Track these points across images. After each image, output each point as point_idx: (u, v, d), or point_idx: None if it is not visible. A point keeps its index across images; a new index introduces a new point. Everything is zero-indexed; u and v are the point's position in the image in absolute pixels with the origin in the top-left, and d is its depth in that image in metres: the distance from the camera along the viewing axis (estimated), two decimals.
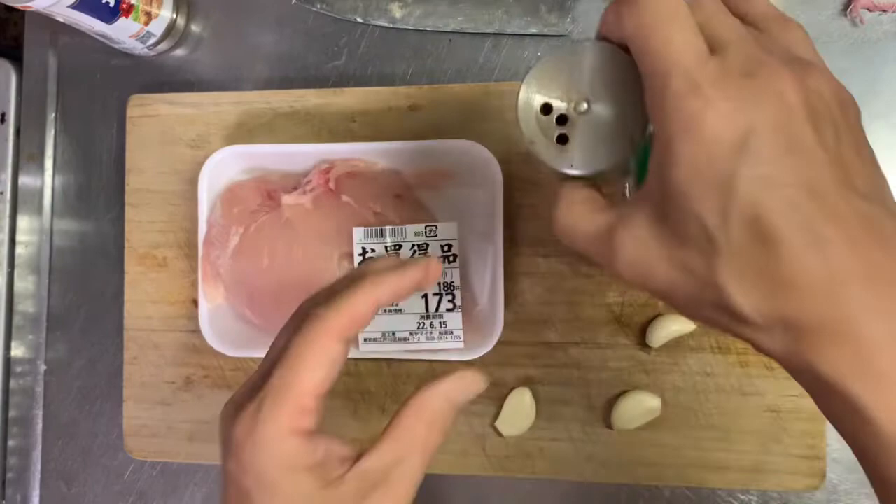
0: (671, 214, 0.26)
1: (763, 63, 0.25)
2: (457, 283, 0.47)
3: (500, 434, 0.48)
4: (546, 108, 0.31)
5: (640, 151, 0.31)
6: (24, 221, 0.57)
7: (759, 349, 0.26)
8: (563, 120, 0.31)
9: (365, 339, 0.47)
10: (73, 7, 0.46)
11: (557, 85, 0.31)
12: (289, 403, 0.30)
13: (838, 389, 0.24)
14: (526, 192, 0.48)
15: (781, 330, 0.25)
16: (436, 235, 0.47)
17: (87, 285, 0.55)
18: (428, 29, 0.51)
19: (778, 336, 0.25)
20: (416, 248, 0.47)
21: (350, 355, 0.49)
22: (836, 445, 0.46)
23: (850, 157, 0.26)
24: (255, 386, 0.31)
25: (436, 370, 0.49)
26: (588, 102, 0.30)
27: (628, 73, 0.29)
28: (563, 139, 0.31)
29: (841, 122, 0.26)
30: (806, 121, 0.25)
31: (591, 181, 0.32)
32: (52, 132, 0.56)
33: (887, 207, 0.26)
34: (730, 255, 0.25)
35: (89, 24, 0.48)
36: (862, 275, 0.24)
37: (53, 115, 0.56)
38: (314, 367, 0.31)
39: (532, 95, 0.31)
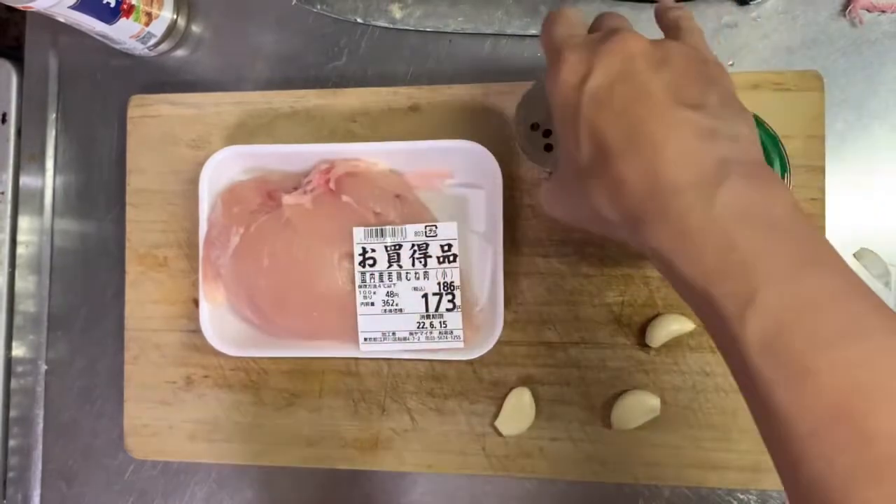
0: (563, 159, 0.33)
1: (618, 33, 0.31)
2: (457, 283, 0.47)
3: (499, 434, 0.48)
4: (534, 126, 0.42)
5: None
6: (24, 221, 0.57)
7: (634, 248, 0.31)
8: (547, 133, 0.42)
9: (365, 339, 0.48)
10: (73, 7, 0.46)
11: (543, 107, 0.41)
12: None
13: (664, 258, 0.29)
14: (526, 192, 0.48)
15: (630, 223, 0.30)
16: (436, 235, 0.47)
17: (87, 285, 0.55)
18: (428, 29, 0.51)
19: (629, 229, 0.30)
20: (415, 247, 0.47)
21: (350, 355, 0.49)
22: None
23: (681, 83, 0.30)
24: None
25: (436, 370, 0.49)
26: None
27: None
28: (548, 148, 0.42)
29: (682, 67, 0.31)
30: (642, 61, 0.30)
31: None
32: (53, 132, 0.56)
33: (715, 116, 0.30)
34: (587, 169, 0.31)
35: (90, 24, 0.49)
36: (673, 161, 0.28)
37: (54, 115, 0.56)
38: None
39: (524, 117, 0.42)
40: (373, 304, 0.47)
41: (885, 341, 0.25)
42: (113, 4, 0.48)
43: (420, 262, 0.47)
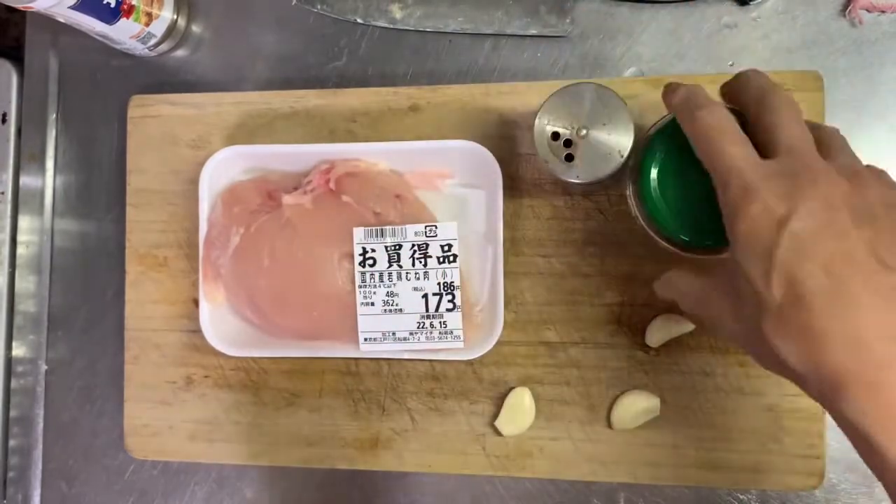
0: (735, 279, 0.32)
1: (810, 167, 0.31)
2: (457, 283, 0.47)
3: (499, 434, 0.48)
4: (555, 135, 0.42)
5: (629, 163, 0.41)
6: (25, 221, 0.57)
7: (803, 390, 0.31)
8: (568, 143, 0.41)
9: (365, 339, 0.48)
10: (73, 8, 0.46)
11: (562, 117, 0.41)
12: None
13: (860, 432, 0.28)
14: (526, 192, 0.48)
15: (816, 378, 0.29)
16: (436, 235, 0.47)
17: (87, 285, 0.55)
18: (428, 30, 0.51)
19: (813, 383, 0.30)
20: (415, 247, 0.47)
21: (350, 355, 0.49)
22: (835, 445, 0.46)
23: (887, 243, 0.30)
24: None
25: (436, 370, 0.49)
26: (587, 129, 0.41)
27: (615, 106, 0.41)
28: (569, 158, 0.41)
29: (883, 218, 0.30)
30: (843, 211, 0.30)
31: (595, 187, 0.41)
32: (53, 132, 0.56)
33: None
34: (773, 312, 0.30)
35: (90, 24, 0.49)
36: (883, 334, 0.28)
37: (54, 115, 0.56)
38: None
39: (544, 126, 0.42)
40: (373, 304, 0.47)
41: None
42: (113, 4, 0.48)
43: (420, 262, 0.47)
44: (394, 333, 0.47)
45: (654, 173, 0.37)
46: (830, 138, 0.34)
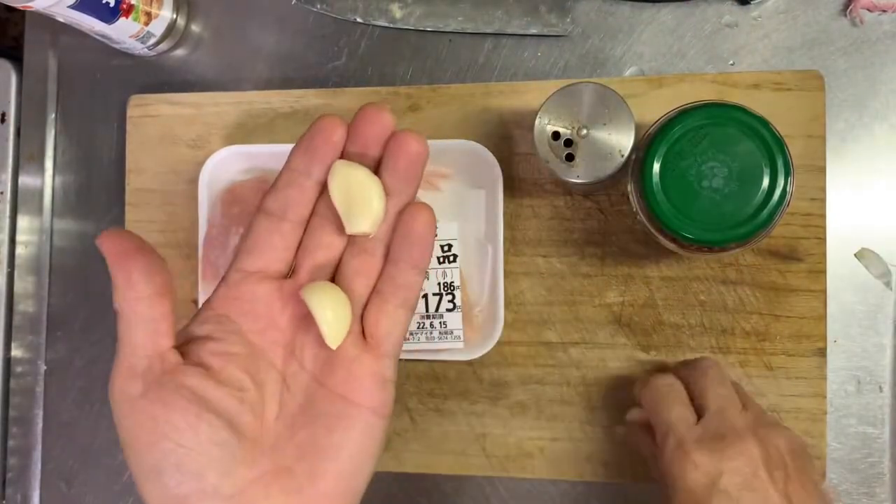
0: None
1: (733, 429, 0.37)
2: (457, 283, 0.47)
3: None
4: (555, 135, 0.41)
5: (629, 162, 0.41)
6: (24, 221, 0.57)
7: None
8: (568, 143, 0.41)
9: None
10: (73, 7, 0.46)
11: (563, 116, 0.41)
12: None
13: None
14: (526, 192, 0.48)
15: None
16: (436, 235, 0.47)
17: (87, 285, 0.55)
18: (428, 29, 0.51)
19: None
20: None
21: None
22: (835, 445, 0.46)
23: (795, 486, 0.36)
24: None
25: (436, 370, 0.49)
26: (587, 129, 0.41)
27: (616, 106, 0.41)
28: (570, 157, 0.41)
29: (791, 466, 0.37)
30: (762, 467, 0.36)
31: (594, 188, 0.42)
32: (53, 132, 0.56)
33: None
34: None
35: (89, 24, 0.48)
36: None
37: (53, 115, 0.56)
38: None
39: (544, 126, 0.41)
40: None
41: None
42: (112, 4, 0.48)
43: None
44: None
45: (656, 168, 0.37)
46: (745, 396, 0.41)
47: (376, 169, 0.32)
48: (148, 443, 0.28)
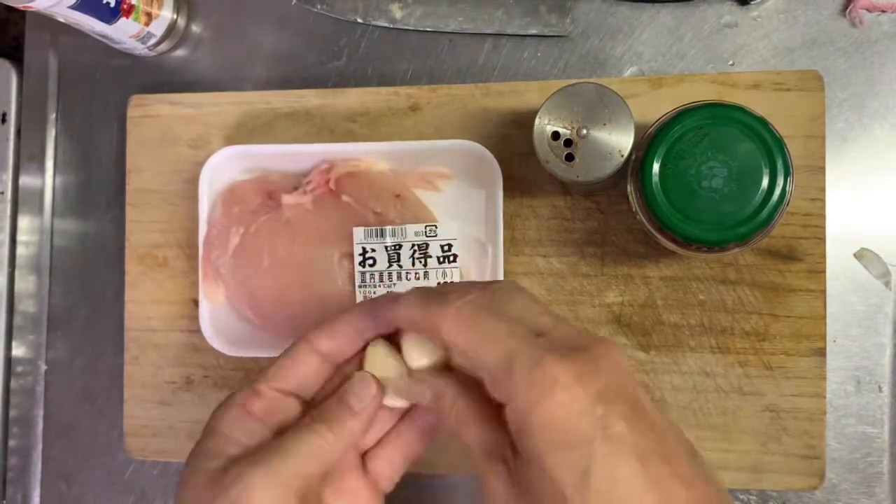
0: (527, 476, 0.28)
1: (585, 339, 0.29)
2: None
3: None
4: (555, 135, 0.41)
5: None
6: (24, 221, 0.57)
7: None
8: (568, 143, 0.41)
9: None
10: (73, 7, 0.46)
11: (563, 116, 0.41)
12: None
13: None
14: (526, 192, 0.48)
15: None
16: (436, 235, 0.47)
17: (87, 285, 0.55)
18: (428, 29, 0.51)
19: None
20: (415, 247, 0.47)
21: None
22: (835, 445, 0.46)
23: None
24: None
25: None
26: (587, 129, 0.41)
27: (615, 106, 0.41)
28: (569, 158, 0.41)
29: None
30: (636, 385, 0.29)
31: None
32: (53, 132, 0.56)
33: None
34: None
35: (90, 24, 0.49)
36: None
37: (54, 115, 0.56)
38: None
39: (544, 126, 0.42)
40: None
41: None
42: (113, 4, 0.48)
43: (420, 262, 0.47)
44: None
45: (656, 168, 0.38)
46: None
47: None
48: None
